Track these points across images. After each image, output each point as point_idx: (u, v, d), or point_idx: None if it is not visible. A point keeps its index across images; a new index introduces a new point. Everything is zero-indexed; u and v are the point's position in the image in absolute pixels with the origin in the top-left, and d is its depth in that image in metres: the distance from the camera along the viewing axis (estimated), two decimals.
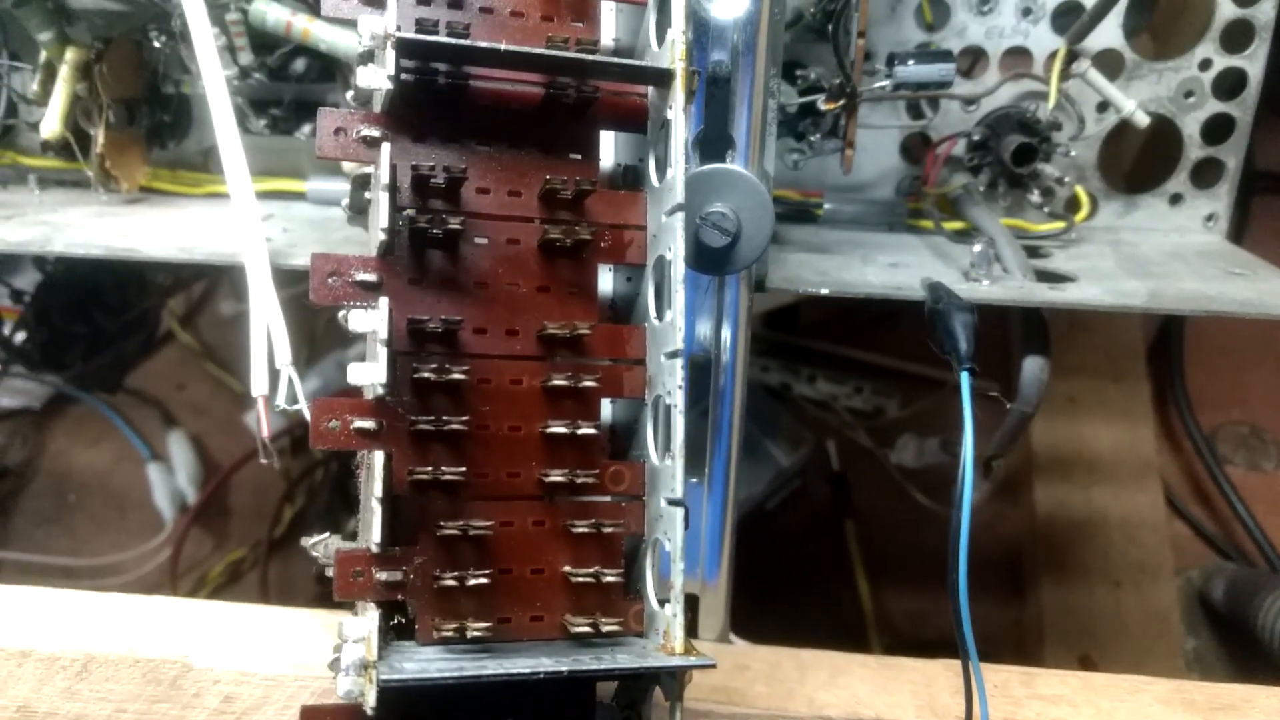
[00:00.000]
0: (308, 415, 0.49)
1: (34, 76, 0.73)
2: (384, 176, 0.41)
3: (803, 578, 1.25)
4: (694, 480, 0.60)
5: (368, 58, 0.43)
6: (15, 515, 1.30)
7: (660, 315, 0.45)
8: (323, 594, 1.14)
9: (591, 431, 0.44)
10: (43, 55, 0.72)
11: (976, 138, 0.73)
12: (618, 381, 0.46)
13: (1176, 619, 1.15)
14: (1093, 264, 0.68)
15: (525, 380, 0.45)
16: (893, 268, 0.65)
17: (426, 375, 0.42)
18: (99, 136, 0.72)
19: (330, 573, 0.43)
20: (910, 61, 0.63)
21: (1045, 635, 1.15)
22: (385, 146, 0.42)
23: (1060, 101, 0.71)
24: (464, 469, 0.43)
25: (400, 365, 0.43)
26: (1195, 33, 0.73)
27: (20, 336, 0.91)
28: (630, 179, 0.52)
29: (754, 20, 0.51)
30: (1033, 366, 0.63)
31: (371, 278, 0.43)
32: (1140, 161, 0.79)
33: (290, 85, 0.75)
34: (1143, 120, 0.71)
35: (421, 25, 0.43)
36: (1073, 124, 0.73)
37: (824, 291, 0.60)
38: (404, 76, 0.44)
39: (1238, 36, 0.72)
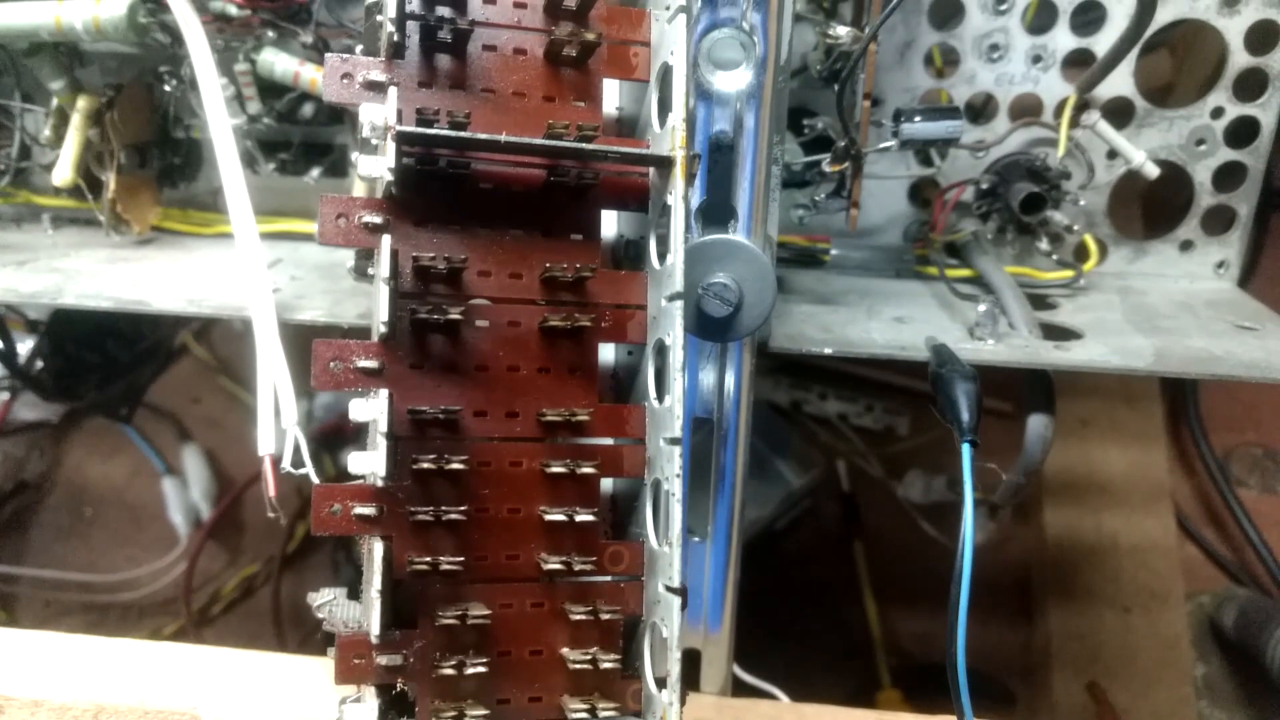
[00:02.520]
0: (314, 477, 0.50)
1: (46, 120, 0.74)
2: (384, 270, 0.42)
3: (811, 598, 1.26)
4: (696, 539, 0.60)
5: (369, 146, 0.44)
6: (33, 529, 1.31)
7: (660, 398, 0.46)
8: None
9: (590, 519, 0.44)
10: (54, 101, 0.72)
11: (985, 186, 0.72)
12: (617, 461, 0.47)
13: (1187, 645, 1.15)
14: (1100, 316, 0.68)
15: (525, 462, 0.46)
16: (898, 323, 0.65)
17: (426, 465, 0.43)
18: (110, 182, 0.72)
19: (333, 631, 0.44)
20: (917, 118, 0.62)
21: (1053, 661, 1.15)
22: (385, 240, 0.42)
23: (1070, 149, 0.71)
24: (463, 558, 0.43)
25: (401, 452, 0.44)
26: (1207, 81, 0.73)
27: (36, 365, 0.92)
28: (632, 253, 0.52)
29: (756, 93, 0.51)
30: (1037, 424, 0.63)
31: (373, 364, 0.44)
32: (1152, 203, 0.78)
33: (299, 127, 0.76)
34: (1152, 171, 0.70)
35: (422, 114, 0.43)
36: (1083, 172, 0.73)
37: (828, 351, 0.60)
38: (405, 161, 0.44)
39: (1251, 85, 0.71)
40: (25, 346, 0.96)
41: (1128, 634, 1.15)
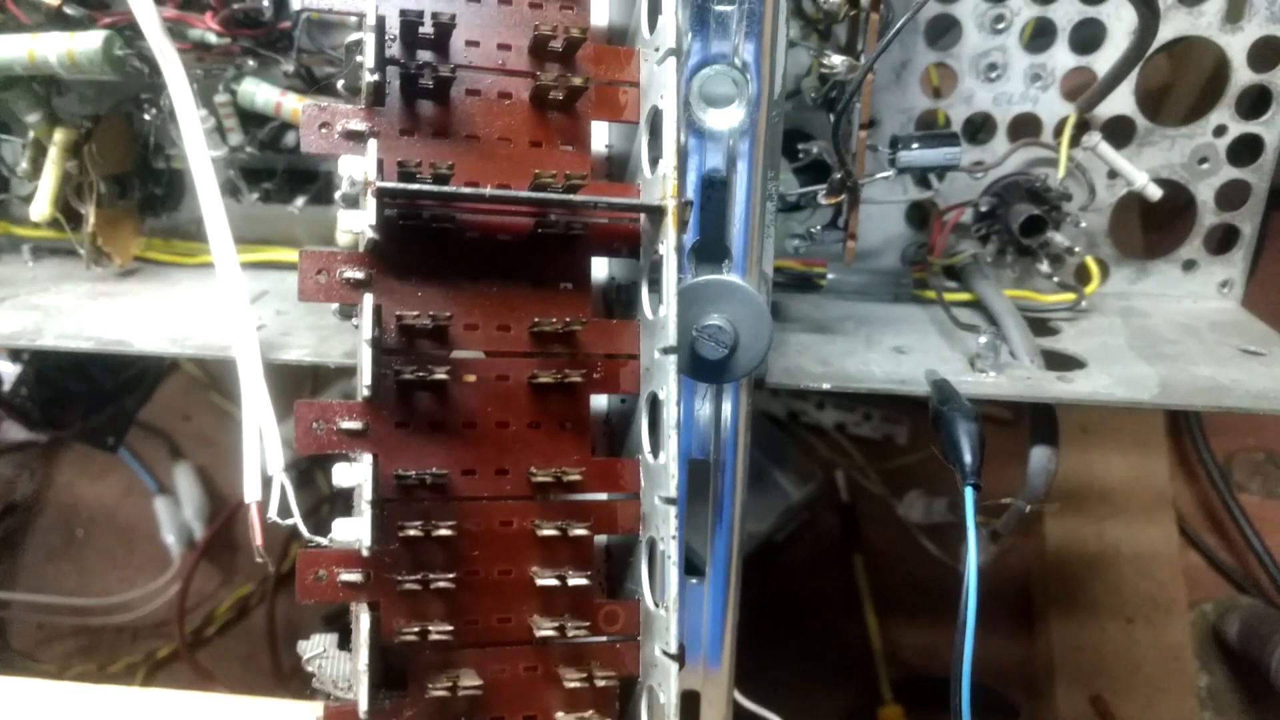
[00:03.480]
0: (302, 528, 0.48)
1: (24, 152, 0.72)
2: (366, 330, 0.40)
3: (810, 611, 1.24)
4: (694, 581, 0.59)
5: (350, 200, 0.42)
6: (24, 550, 1.30)
7: (655, 453, 0.44)
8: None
9: (584, 582, 0.43)
10: (31, 133, 0.70)
11: (984, 208, 0.71)
12: (611, 518, 0.45)
13: (1190, 656, 1.14)
14: (1103, 342, 0.67)
15: (516, 522, 0.44)
16: (897, 354, 0.63)
17: (413, 533, 0.41)
18: (90, 215, 0.71)
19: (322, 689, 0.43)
20: (915, 145, 0.61)
21: (1056, 673, 1.14)
22: (368, 299, 0.41)
23: (1070, 170, 0.69)
24: (452, 627, 0.42)
25: (387, 514, 0.42)
26: (1205, 85, 0.71)
27: (21, 393, 0.90)
28: (623, 298, 0.50)
29: (750, 129, 0.50)
30: (1040, 456, 0.62)
31: (357, 425, 0.42)
32: (1152, 219, 0.77)
33: (283, 155, 0.74)
34: (1155, 193, 0.69)
35: (404, 167, 0.42)
36: (1083, 192, 0.71)
37: (825, 386, 0.59)
38: (388, 213, 0.43)
39: (1254, 102, 0.70)
40: (9, 372, 0.95)
41: (1131, 645, 1.14)
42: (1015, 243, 0.71)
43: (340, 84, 0.64)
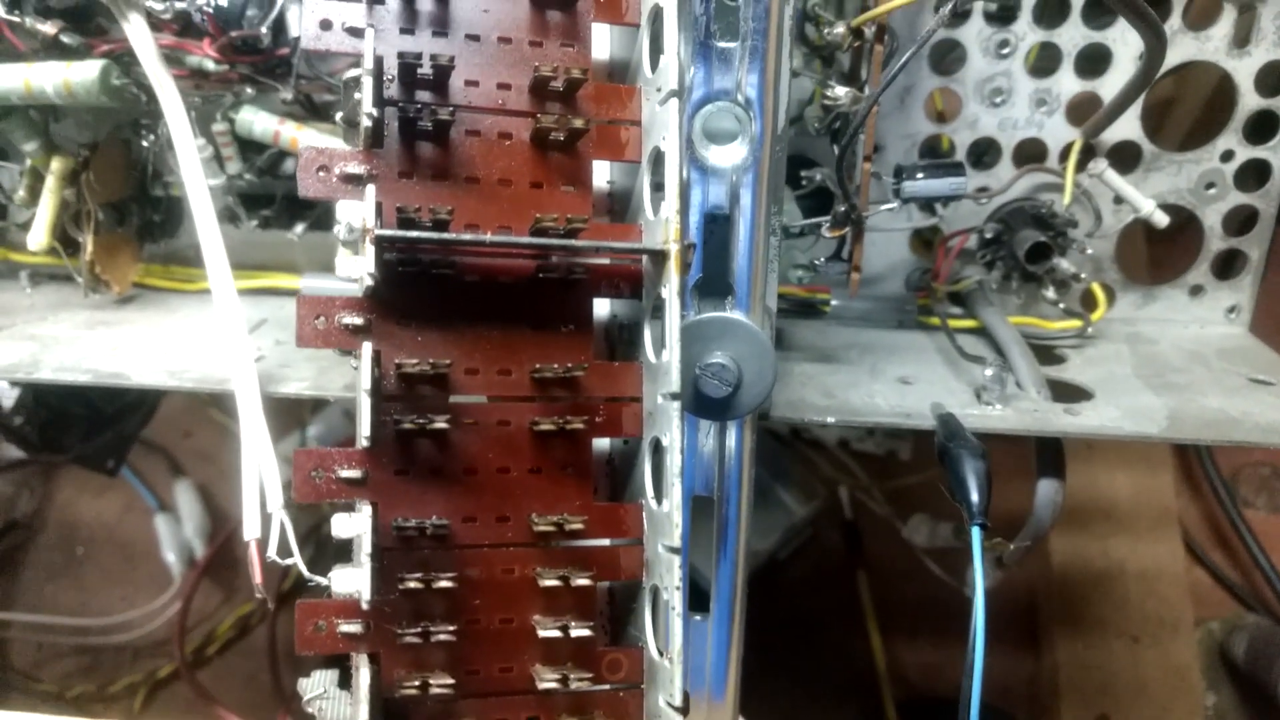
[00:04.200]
0: (302, 567, 0.48)
1: (21, 179, 0.72)
2: (366, 380, 0.40)
3: (814, 628, 1.24)
4: (698, 617, 0.58)
5: (349, 245, 0.42)
6: (24, 568, 1.29)
7: (659, 500, 0.44)
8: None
9: (586, 633, 0.42)
10: (28, 161, 0.70)
11: (989, 235, 0.70)
12: (614, 564, 0.45)
13: (1197, 675, 1.14)
14: (1109, 370, 0.66)
15: (518, 569, 0.44)
16: (902, 385, 0.63)
17: (413, 585, 0.41)
18: (88, 244, 0.70)
19: None
20: (919, 174, 0.60)
21: (1061, 692, 1.13)
22: (367, 348, 0.40)
23: (1076, 196, 0.69)
24: (453, 680, 0.41)
25: (387, 563, 0.42)
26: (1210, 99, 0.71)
27: (19, 417, 0.90)
28: (626, 337, 0.50)
29: (753, 166, 0.49)
30: (1047, 489, 0.61)
31: (356, 474, 0.42)
32: (1159, 244, 0.76)
33: (282, 181, 0.73)
34: (1162, 220, 0.68)
35: (403, 212, 0.41)
36: (1089, 218, 0.71)
37: (830, 420, 0.58)
38: (386, 257, 0.42)
39: (1261, 128, 0.69)
40: (8, 395, 0.94)
41: (1137, 664, 1.13)
42: (1021, 269, 0.70)
43: (339, 116, 0.64)
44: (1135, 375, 0.65)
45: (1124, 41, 0.68)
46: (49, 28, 0.64)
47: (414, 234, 0.40)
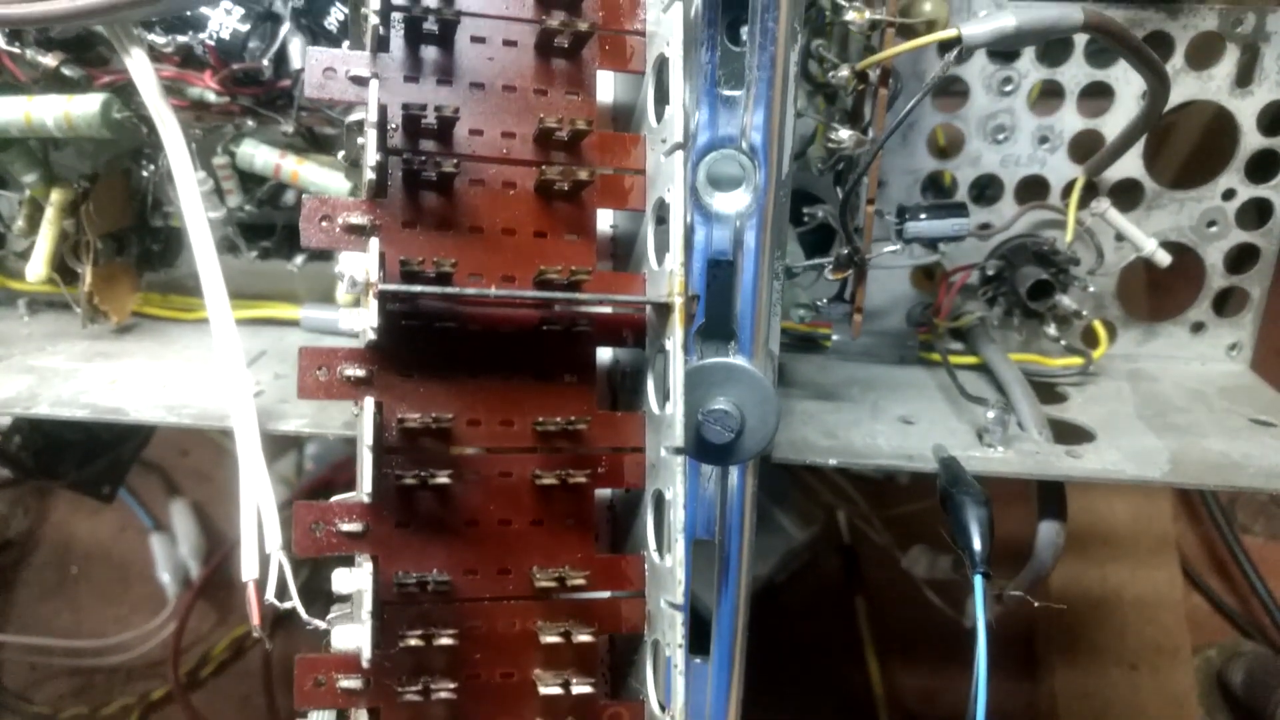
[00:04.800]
0: (301, 611, 0.47)
1: (19, 209, 0.71)
2: (368, 435, 0.39)
3: (812, 653, 1.23)
4: (699, 660, 0.58)
5: (352, 299, 0.41)
6: (18, 588, 1.28)
7: (661, 554, 0.43)
8: None
9: (588, 690, 0.42)
10: (27, 191, 0.70)
11: (991, 272, 0.70)
12: (615, 617, 0.44)
13: (1194, 703, 1.13)
14: (1111, 410, 0.66)
15: (518, 623, 0.43)
16: (904, 425, 0.62)
17: (414, 642, 0.40)
18: (86, 275, 0.70)
19: None
20: (923, 215, 0.60)
21: None
22: (369, 403, 0.40)
23: (1078, 233, 0.69)
24: None
25: (388, 619, 0.41)
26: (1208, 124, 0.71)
27: (15, 441, 0.89)
28: (629, 385, 0.50)
29: (757, 212, 0.49)
30: (1049, 531, 0.61)
31: (356, 527, 0.42)
32: (1160, 280, 0.76)
33: (283, 212, 0.73)
34: (1164, 259, 0.68)
35: (407, 265, 0.41)
36: (1091, 255, 0.70)
37: (832, 462, 0.58)
38: (389, 307, 0.42)
39: (1263, 167, 0.69)
40: (3, 420, 0.94)
41: (1135, 692, 1.13)
42: (1022, 305, 0.70)
43: (341, 155, 0.64)
44: (1137, 415, 0.65)
45: (1126, 80, 0.68)
46: (50, 60, 0.63)
47: (418, 289, 0.40)
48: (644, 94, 0.46)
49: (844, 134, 0.55)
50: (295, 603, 0.55)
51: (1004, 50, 0.68)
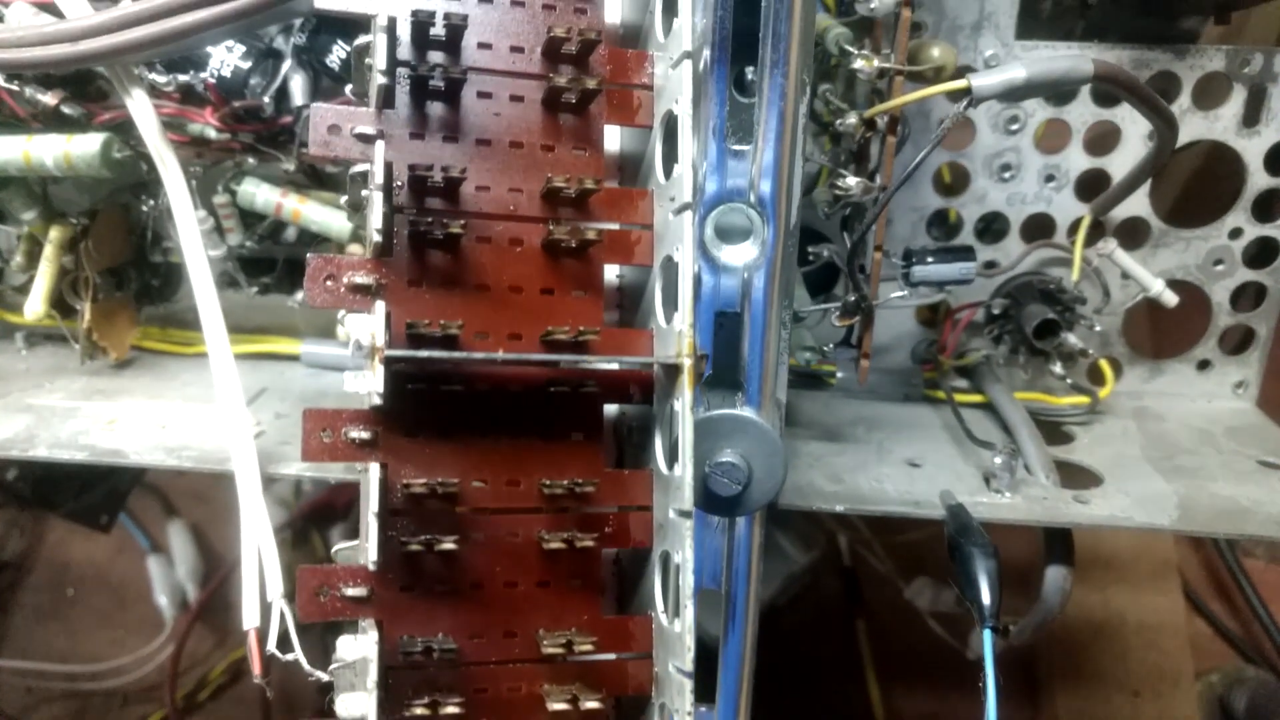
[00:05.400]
0: (304, 663, 0.47)
1: (18, 244, 0.71)
2: (373, 502, 0.39)
3: (812, 676, 1.23)
4: (703, 708, 0.58)
5: (357, 360, 0.41)
6: (14, 610, 1.27)
7: (669, 617, 0.43)
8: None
9: None
10: (26, 227, 0.69)
11: (996, 310, 0.70)
12: (621, 679, 0.44)
13: None
14: (1118, 451, 0.66)
15: (524, 687, 0.43)
16: (911, 468, 0.62)
17: (420, 711, 0.40)
18: (85, 312, 0.69)
19: None
20: (929, 259, 0.60)
21: None
22: (374, 469, 0.39)
23: (1085, 272, 0.68)
24: None
25: (393, 685, 0.41)
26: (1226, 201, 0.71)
27: (12, 471, 0.89)
28: (635, 439, 0.49)
29: (766, 265, 0.48)
30: (1056, 576, 0.61)
31: (361, 592, 0.41)
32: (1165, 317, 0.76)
33: (283, 247, 0.73)
34: (1171, 300, 0.68)
35: (413, 328, 0.40)
36: (1098, 294, 0.70)
37: (839, 509, 0.58)
38: (395, 368, 0.41)
39: (1270, 206, 0.69)
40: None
41: (1137, 718, 1.12)
42: (1028, 343, 0.70)
43: (344, 201, 0.63)
44: (1144, 456, 0.65)
45: (1133, 119, 0.68)
46: (49, 98, 0.63)
47: (424, 353, 0.39)
48: (651, 149, 0.46)
49: (851, 181, 0.54)
50: (298, 654, 0.54)
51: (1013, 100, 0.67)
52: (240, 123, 0.65)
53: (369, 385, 0.39)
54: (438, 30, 0.42)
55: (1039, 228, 0.71)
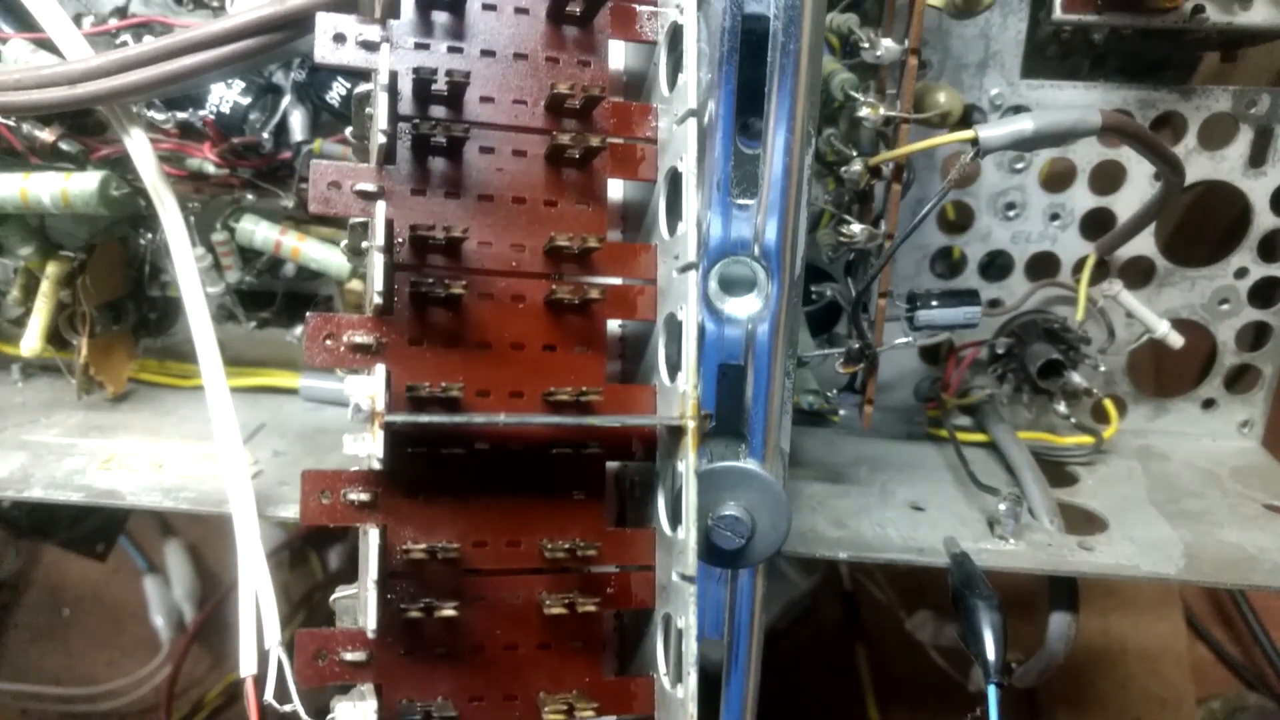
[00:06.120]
0: (303, 714, 0.46)
1: (14, 278, 0.70)
2: (372, 570, 0.38)
3: (812, 700, 1.22)
4: None
5: (358, 423, 0.40)
6: (9, 630, 1.27)
7: (672, 681, 0.42)
8: None
9: None
10: (23, 262, 0.69)
11: (1000, 350, 0.69)
12: None
13: None
14: (1122, 494, 0.65)
15: None
16: (914, 512, 0.62)
17: None
18: (82, 347, 0.69)
19: None
20: (934, 303, 0.59)
21: None
22: (374, 535, 0.39)
23: (1089, 311, 0.68)
24: None
25: None
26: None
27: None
28: (638, 494, 0.48)
29: (770, 317, 0.48)
30: (1060, 623, 0.60)
31: (360, 656, 0.41)
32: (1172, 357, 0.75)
33: (281, 281, 0.72)
34: (1177, 341, 0.67)
35: (414, 391, 0.40)
36: (1102, 333, 0.70)
37: (842, 556, 0.57)
38: (394, 428, 0.41)
39: (1275, 246, 0.68)
40: None
41: None
42: (1031, 382, 0.69)
43: (343, 245, 0.63)
44: (1149, 499, 0.64)
45: (1138, 159, 0.67)
46: (47, 135, 0.62)
47: (425, 419, 0.39)
48: (655, 202, 0.45)
49: (856, 228, 0.54)
50: (296, 705, 0.54)
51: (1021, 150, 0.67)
52: (239, 158, 0.65)
53: (369, 449, 0.39)
54: (439, 86, 0.41)
55: (1043, 266, 0.70)
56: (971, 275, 0.70)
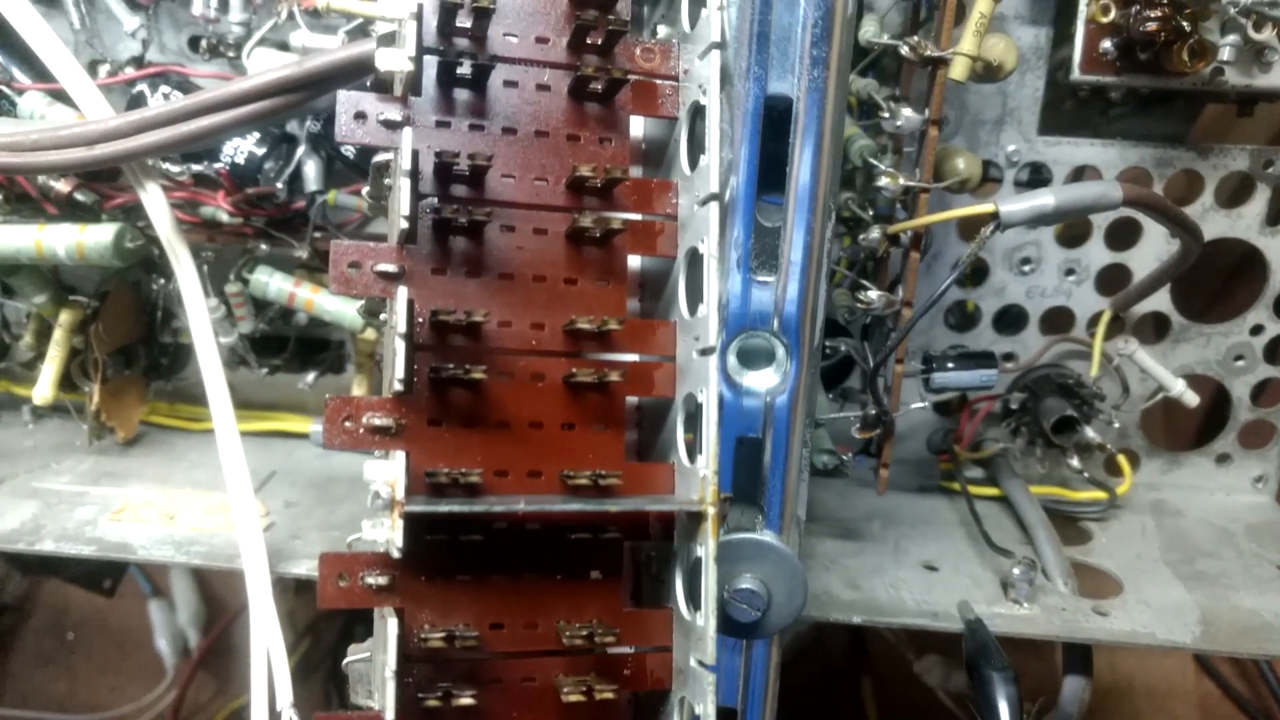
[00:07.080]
0: None
1: (27, 323, 0.70)
2: (391, 661, 0.38)
3: None
4: None
5: (377, 509, 0.40)
6: (14, 654, 1.27)
7: None
8: None
9: None
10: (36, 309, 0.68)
11: (1014, 405, 0.69)
12: None
13: None
14: (1136, 553, 0.65)
15: None
16: (928, 572, 0.61)
17: None
18: (94, 394, 0.69)
19: None
20: (950, 365, 0.59)
21: None
22: (392, 624, 0.39)
23: (1104, 367, 0.68)
24: None
25: None
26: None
27: None
28: (654, 570, 0.48)
29: (787, 391, 0.48)
30: (1075, 687, 0.60)
31: None
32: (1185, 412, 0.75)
33: (294, 326, 0.72)
34: (1192, 400, 0.67)
35: (433, 478, 0.40)
36: (1116, 388, 0.69)
37: (856, 620, 0.57)
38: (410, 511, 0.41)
39: None
40: None
41: None
42: (1045, 436, 0.69)
43: (359, 307, 0.63)
44: (1163, 560, 0.64)
45: None
46: (63, 185, 0.62)
47: (445, 508, 0.39)
48: (674, 279, 0.45)
49: (874, 294, 0.54)
50: None
51: (1032, 182, 0.67)
52: (253, 207, 0.65)
53: (388, 537, 0.39)
54: (461, 168, 0.41)
55: (1058, 321, 0.70)
56: (985, 329, 0.70)
